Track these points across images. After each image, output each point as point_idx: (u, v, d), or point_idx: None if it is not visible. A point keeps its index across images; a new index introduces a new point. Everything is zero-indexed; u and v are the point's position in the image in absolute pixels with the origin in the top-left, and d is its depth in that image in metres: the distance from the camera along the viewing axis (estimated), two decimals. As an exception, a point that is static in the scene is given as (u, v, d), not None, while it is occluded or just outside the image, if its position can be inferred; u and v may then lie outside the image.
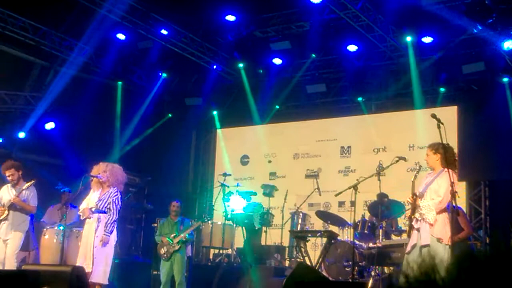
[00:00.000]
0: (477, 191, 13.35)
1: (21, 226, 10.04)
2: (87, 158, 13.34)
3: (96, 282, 8.56)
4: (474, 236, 12.96)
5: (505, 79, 12.81)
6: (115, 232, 8.88)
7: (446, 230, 6.94)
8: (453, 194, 6.79)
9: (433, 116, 6.98)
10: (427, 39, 13.01)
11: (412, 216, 7.24)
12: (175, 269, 10.97)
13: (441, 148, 7.24)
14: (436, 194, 7.11)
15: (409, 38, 13.02)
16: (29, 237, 10.49)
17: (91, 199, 8.92)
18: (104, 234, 8.63)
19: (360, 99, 14.72)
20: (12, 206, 9.96)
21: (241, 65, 15.21)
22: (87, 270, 8.38)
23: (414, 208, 7.19)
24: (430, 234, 7.01)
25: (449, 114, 12.97)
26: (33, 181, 10.07)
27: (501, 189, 12.97)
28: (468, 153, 12.84)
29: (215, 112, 16.38)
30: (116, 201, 8.84)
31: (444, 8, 11.90)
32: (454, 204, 6.93)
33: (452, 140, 12.53)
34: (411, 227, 7.29)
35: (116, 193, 8.89)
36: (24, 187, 10.02)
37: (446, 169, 7.02)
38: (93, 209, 8.87)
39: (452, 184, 6.81)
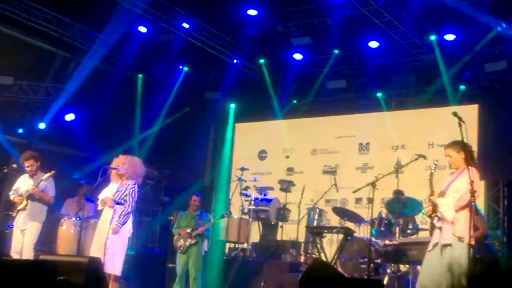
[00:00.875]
0: (495, 191, 13.25)
1: (38, 217, 10.11)
2: (106, 150, 13.45)
3: (109, 272, 8.59)
4: (492, 235, 12.87)
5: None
6: (130, 224, 8.89)
7: (467, 228, 6.85)
8: (473, 192, 6.71)
9: (455, 114, 6.90)
10: (450, 37, 12.92)
11: (433, 215, 7.17)
12: (190, 263, 10.98)
13: (463, 146, 7.17)
14: (457, 192, 7.04)
15: (433, 37, 12.91)
16: None
17: (110, 191, 8.95)
18: (116, 225, 8.65)
19: (379, 95, 14.64)
20: (31, 196, 10.03)
21: (262, 60, 15.17)
22: None
23: (435, 206, 7.12)
24: (452, 233, 6.94)
25: (470, 112, 12.89)
26: (53, 172, 10.14)
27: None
28: (488, 152, 12.76)
29: (232, 105, 16.34)
30: (133, 193, 8.85)
31: (468, 5, 11.79)
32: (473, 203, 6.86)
33: (472, 139, 12.41)
34: (433, 225, 7.22)
35: (134, 186, 8.90)
36: (44, 178, 10.09)
37: (469, 167, 6.93)
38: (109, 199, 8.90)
39: (472, 182, 6.74)
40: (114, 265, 8.63)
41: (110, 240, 8.60)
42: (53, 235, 11.37)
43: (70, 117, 14.64)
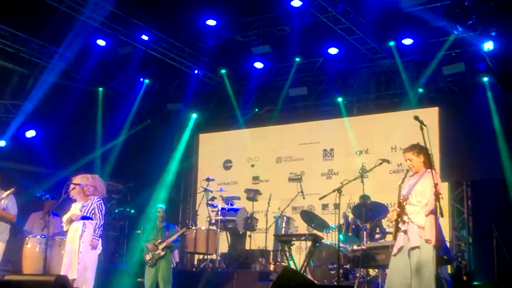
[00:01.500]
0: (459, 192, 13.44)
1: (1, 236, 9.94)
2: (68, 166, 13.30)
3: None
4: (457, 236, 13.06)
5: (485, 79, 12.90)
6: (100, 242, 8.87)
7: (433, 231, 6.95)
8: (437, 195, 6.80)
9: (416, 118, 6.98)
10: (408, 41, 13.09)
11: (399, 219, 7.23)
12: (160, 276, 10.91)
13: (422, 149, 7.26)
14: (422, 196, 7.12)
15: (392, 43, 13.08)
16: None
17: (75, 208, 8.89)
18: (93, 238, 8.64)
19: (341, 101, 14.73)
20: (-8, 215, 9.85)
21: (223, 71, 15.17)
22: (71, 277, 8.34)
23: (401, 210, 7.19)
24: (419, 235, 7.01)
25: (430, 115, 13.06)
26: (12, 189, 9.95)
27: (483, 189, 13.06)
28: (450, 153, 12.95)
29: (194, 115, 16.29)
30: (100, 206, 8.90)
31: (424, 10, 11.97)
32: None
33: (434, 141, 12.64)
34: (397, 229, 7.28)
35: (99, 199, 8.93)
36: (3, 196, 9.91)
37: (429, 170, 7.03)
38: (77, 215, 8.83)
39: (436, 185, 6.82)
40: (85, 280, 8.59)
41: (82, 255, 8.56)
42: (17, 254, 11.18)
43: (30, 133, 14.42)
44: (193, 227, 11.95)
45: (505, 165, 12.25)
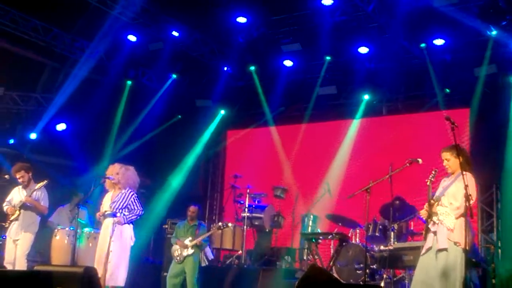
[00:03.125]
0: (488, 194, 13.28)
1: (31, 227, 10.07)
2: (97, 160, 13.41)
3: (113, 285, 8.59)
4: (486, 239, 12.91)
5: (512, 78, 12.77)
6: (132, 232, 8.93)
7: (463, 234, 6.88)
8: (467, 197, 6.73)
9: (447, 118, 6.93)
10: (439, 41, 12.97)
11: (429, 220, 7.18)
12: (186, 273, 10.94)
13: (461, 151, 7.20)
14: (454, 198, 7.05)
15: (423, 44, 12.98)
16: None
17: (105, 203, 8.97)
18: (123, 216, 8.69)
19: (371, 100, 14.65)
20: (24, 206, 9.99)
21: (252, 67, 15.17)
22: (100, 274, 8.40)
23: (431, 210, 7.14)
24: (448, 238, 6.96)
25: (461, 116, 12.94)
26: (45, 181, 10.10)
27: (513, 192, 12.89)
28: (480, 155, 12.80)
29: (222, 112, 16.33)
30: (135, 200, 8.92)
31: (456, 10, 11.83)
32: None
33: (464, 142, 12.55)
34: (427, 229, 7.24)
35: (133, 193, 8.96)
36: (36, 187, 10.05)
37: (465, 172, 6.95)
38: (106, 213, 8.88)
39: (466, 187, 6.75)
40: (117, 277, 8.67)
41: (112, 253, 8.61)
42: (45, 245, 11.33)
43: (61, 127, 14.58)
44: (225, 227, 11.88)
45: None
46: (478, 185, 12.67)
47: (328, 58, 14.45)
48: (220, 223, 11.72)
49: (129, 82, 15.38)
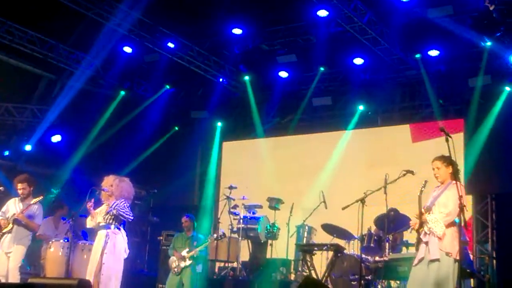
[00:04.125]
0: (483, 205, 13.29)
1: (23, 240, 9.99)
2: (93, 171, 13.39)
3: None
4: (481, 250, 12.91)
5: (508, 89, 12.79)
6: (125, 244, 8.91)
7: (455, 244, 6.89)
8: (462, 207, 6.74)
9: (442, 129, 6.95)
10: (434, 52, 13.04)
11: (420, 230, 7.19)
12: (184, 285, 10.92)
13: (452, 161, 7.22)
14: (444, 207, 7.07)
15: (418, 55, 13.02)
16: None
17: (101, 212, 8.95)
18: (117, 209, 8.68)
19: (366, 111, 14.68)
20: (16, 221, 9.93)
21: (247, 77, 15.17)
22: (93, 286, 8.38)
23: (422, 221, 7.15)
24: (439, 248, 6.96)
25: (456, 127, 12.96)
26: (41, 197, 10.04)
27: (508, 202, 12.90)
28: (475, 166, 12.82)
29: (219, 124, 16.35)
30: (128, 207, 8.89)
31: (451, 21, 11.90)
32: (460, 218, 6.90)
33: (459, 153, 12.51)
34: (419, 240, 7.24)
35: (124, 202, 8.92)
36: (32, 202, 9.99)
37: (454, 182, 6.98)
38: (100, 224, 8.86)
39: (460, 197, 6.77)
40: None
41: (105, 266, 8.59)
42: (38, 258, 11.31)
43: (56, 138, 14.57)
44: (222, 238, 11.88)
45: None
46: (473, 196, 12.87)
47: (321, 68, 14.49)
48: (215, 234, 11.73)
49: (122, 92, 15.33)
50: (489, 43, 12.19)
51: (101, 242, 8.71)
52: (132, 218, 9.00)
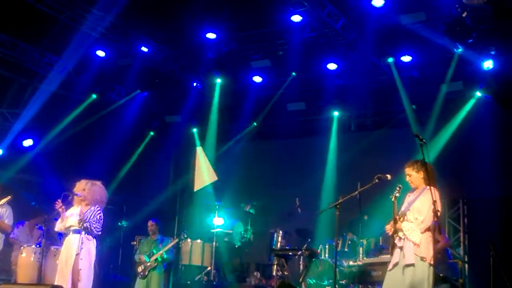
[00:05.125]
0: (455, 209, 13.42)
1: (-6, 244, 9.89)
2: (65, 176, 13.21)
3: None
4: (454, 254, 13.02)
5: (482, 97, 12.94)
6: (94, 250, 8.82)
7: (429, 248, 6.94)
8: (435, 212, 6.79)
9: (416, 135, 7.00)
10: (406, 58, 13.12)
11: (395, 235, 7.23)
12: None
13: (423, 166, 7.25)
14: (419, 213, 7.11)
15: (391, 59, 13.07)
16: None
17: (71, 217, 8.83)
18: (89, 223, 8.59)
19: (339, 116, 14.75)
20: (-14, 224, 9.80)
21: (218, 80, 15.04)
22: None
23: (396, 225, 7.18)
24: (414, 253, 6.99)
25: (428, 132, 13.06)
26: (8, 197, 9.92)
27: (480, 207, 13.04)
28: (447, 171, 12.93)
29: (195, 130, 16.30)
30: (100, 219, 8.83)
31: (424, 27, 12.01)
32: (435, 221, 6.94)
33: (430, 158, 12.63)
34: (393, 245, 7.28)
35: (100, 211, 8.86)
36: (0, 203, 9.87)
37: (428, 187, 7.03)
38: (72, 228, 8.77)
39: (434, 202, 6.81)
40: None
41: (82, 271, 8.53)
42: (7, 262, 11.18)
43: (28, 142, 14.40)
44: (186, 239, 11.91)
45: (501, 183, 12.27)
46: (445, 200, 12.97)
47: (293, 73, 14.50)
48: (181, 237, 11.78)
49: (93, 96, 15.17)
50: (460, 49, 12.32)
51: (74, 246, 8.62)
52: (100, 233, 8.92)
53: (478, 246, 12.40)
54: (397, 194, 7.28)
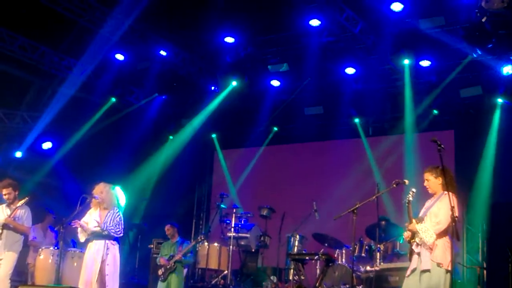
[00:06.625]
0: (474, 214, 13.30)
1: (14, 246, 9.90)
2: (83, 179, 13.32)
3: None
4: (472, 260, 12.92)
5: (500, 101, 12.85)
6: (119, 255, 8.89)
7: (446, 255, 6.89)
8: (453, 218, 6.74)
9: (434, 140, 6.97)
10: (425, 63, 13.07)
11: (412, 241, 7.19)
12: (171, 290, 10.95)
13: (442, 172, 7.22)
14: (435, 217, 7.07)
15: (406, 61, 12.98)
16: None
17: (91, 222, 8.87)
18: (109, 229, 8.63)
19: (357, 121, 14.74)
20: (5, 226, 9.85)
21: (234, 83, 15.00)
22: None
23: (414, 232, 7.15)
24: (430, 259, 6.95)
25: (446, 138, 12.99)
26: (26, 198, 9.96)
27: (499, 213, 12.93)
28: (466, 177, 12.86)
29: (214, 135, 16.37)
30: (121, 221, 8.88)
31: (443, 32, 11.96)
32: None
33: (449, 164, 12.55)
34: (411, 251, 7.25)
35: (118, 213, 8.92)
36: (18, 204, 9.91)
37: (446, 192, 6.99)
38: (95, 228, 8.78)
39: (452, 208, 6.77)
40: None
41: (108, 277, 8.59)
42: (24, 265, 11.26)
43: (47, 145, 14.50)
44: (203, 242, 11.93)
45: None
46: (464, 206, 12.87)
47: (309, 78, 14.47)
48: (199, 239, 11.80)
49: (113, 99, 15.26)
50: (479, 54, 12.26)
51: (100, 252, 8.68)
52: (122, 234, 9.00)
53: (497, 252, 12.28)
54: (411, 198, 7.24)
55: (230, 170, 16.22)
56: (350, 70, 13.84)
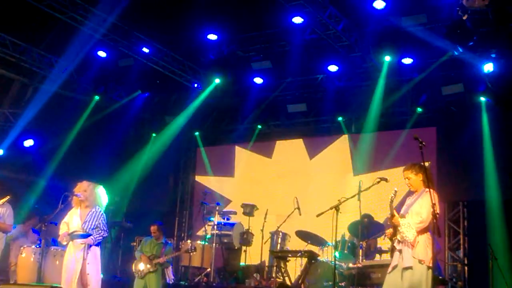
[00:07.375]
0: (455, 212, 13.41)
1: (-5, 244, 9.89)
2: (66, 177, 13.24)
3: None
4: (453, 257, 13.02)
5: (483, 100, 12.92)
6: (99, 252, 8.83)
7: (428, 251, 6.94)
8: (435, 215, 6.79)
9: (416, 138, 7.00)
10: (407, 60, 13.11)
11: (394, 238, 7.24)
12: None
13: (422, 168, 7.27)
14: (418, 215, 7.11)
15: (387, 58, 13.00)
16: None
17: (72, 221, 8.81)
18: (91, 238, 8.58)
19: (340, 119, 14.78)
20: (-14, 225, 9.80)
21: (217, 80, 14.96)
22: None
23: (396, 229, 7.19)
24: (412, 255, 7.00)
25: (428, 135, 13.06)
26: (7, 197, 9.91)
27: (480, 210, 13.02)
28: (447, 173, 12.95)
29: (197, 133, 16.33)
30: (103, 219, 8.83)
31: (425, 29, 12.02)
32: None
33: (431, 161, 12.67)
34: (393, 248, 7.29)
35: (102, 212, 8.87)
36: (-1, 203, 9.87)
37: (427, 190, 7.03)
38: (76, 233, 8.73)
39: (433, 205, 6.81)
40: None
41: (90, 276, 8.54)
42: (7, 263, 11.20)
43: (29, 143, 14.40)
44: (193, 251, 11.88)
45: (502, 186, 12.27)
46: (444, 203, 12.97)
47: (288, 79, 14.51)
48: (188, 247, 11.77)
49: (96, 97, 15.18)
50: (461, 52, 12.33)
51: (81, 251, 8.63)
52: (106, 235, 8.96)
53: (478, 248, 12.39)
54: (393, 198, 7.29)
55: (213, 167, 16.22)
56: (333, 68, 13.86)
